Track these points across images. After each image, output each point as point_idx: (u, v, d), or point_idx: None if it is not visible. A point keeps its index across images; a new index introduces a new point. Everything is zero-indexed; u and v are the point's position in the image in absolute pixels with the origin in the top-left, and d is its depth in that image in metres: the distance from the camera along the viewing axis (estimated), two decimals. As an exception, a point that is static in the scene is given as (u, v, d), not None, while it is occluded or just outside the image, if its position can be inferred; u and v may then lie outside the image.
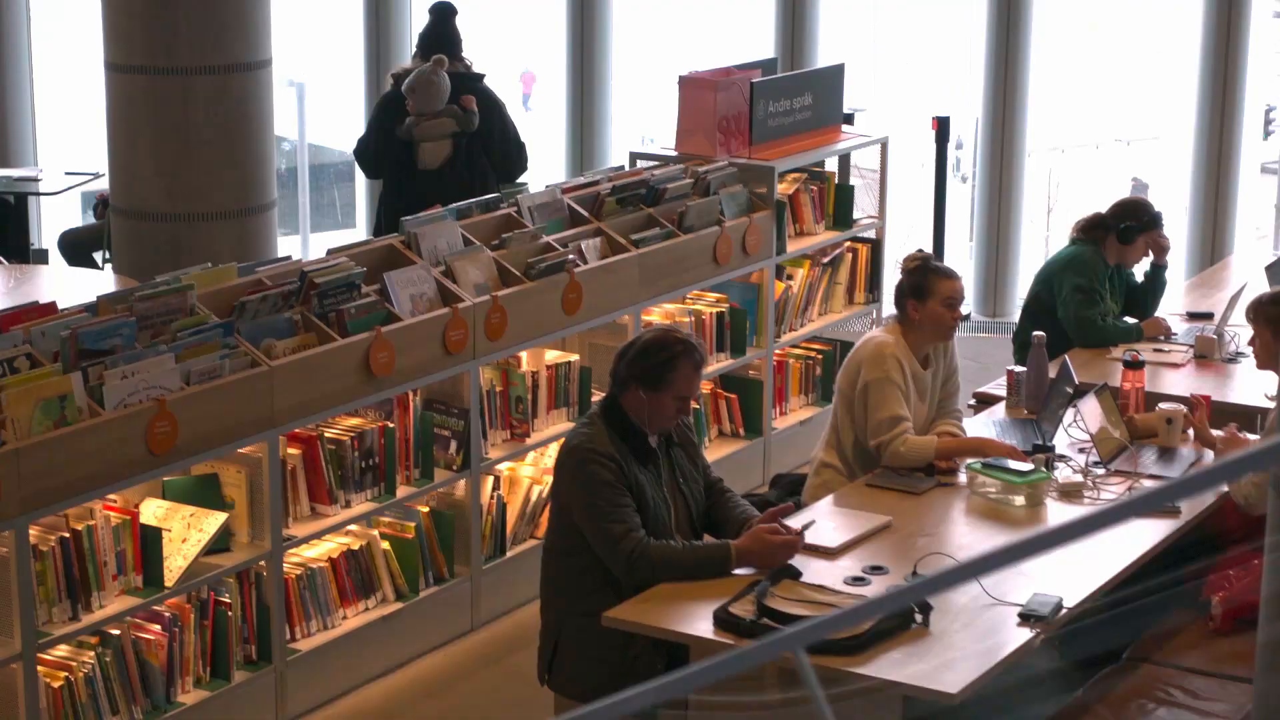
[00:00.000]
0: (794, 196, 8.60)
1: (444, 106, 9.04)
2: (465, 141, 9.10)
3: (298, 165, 17.90)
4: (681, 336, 5.70)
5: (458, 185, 8.95)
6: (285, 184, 17.82)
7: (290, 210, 17.64)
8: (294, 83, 19.42)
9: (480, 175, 9.12)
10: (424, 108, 9.01)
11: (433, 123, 9.05)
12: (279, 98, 18.67)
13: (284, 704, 6.36)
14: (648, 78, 14.58)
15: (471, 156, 9.13)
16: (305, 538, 6.41)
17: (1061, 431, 6.64)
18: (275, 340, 6.29)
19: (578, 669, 5.63)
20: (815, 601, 5.32)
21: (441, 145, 9.09)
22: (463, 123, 9.06)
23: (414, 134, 9.04)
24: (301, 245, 16.46)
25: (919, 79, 18.86)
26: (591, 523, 5.52)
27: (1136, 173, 18.45)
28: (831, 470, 6.55)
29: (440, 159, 9.09)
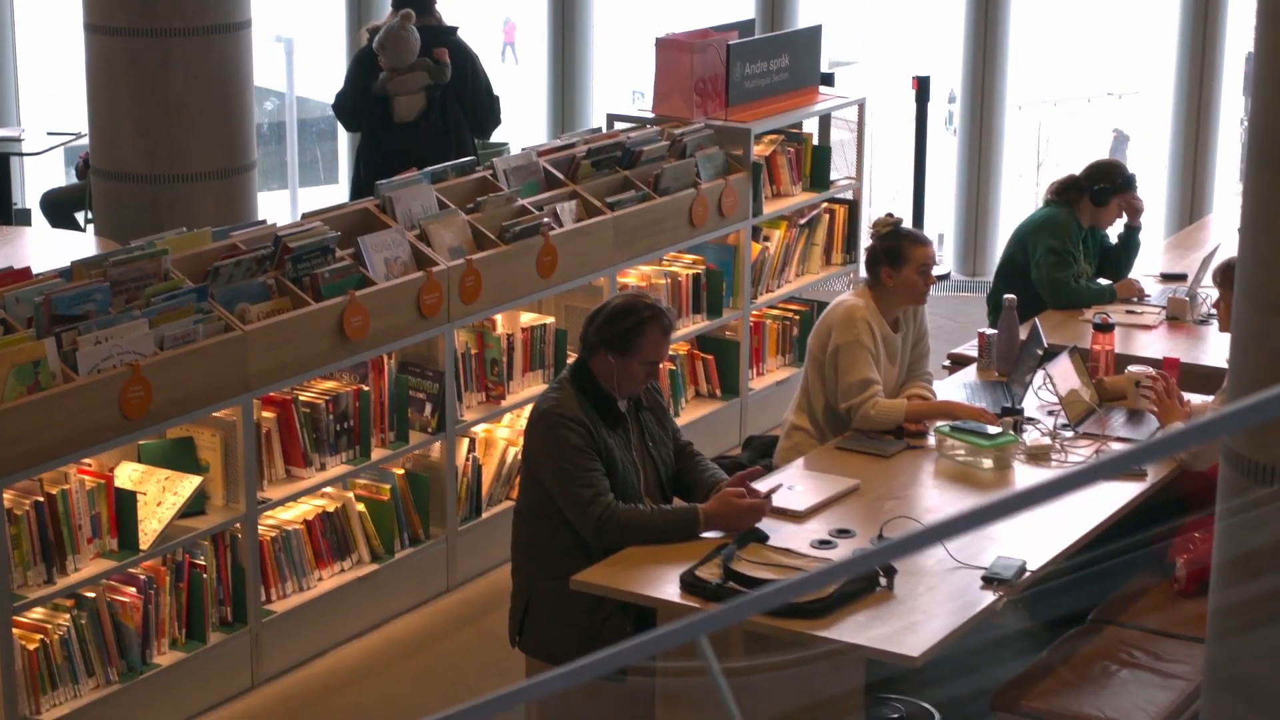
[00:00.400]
0: (771, 158, 8.63)
1: (416, 60, 9.16)
2: (439, 94, 9.23)
3: (286, 121, 17.91)
4: (650, 302, 5.74)
5: (432, 137, 9.15)
6: (274, 139, 17.86)
7: (278, 166, 17.68)
8: (281, 38, 19.41)
9: (455, 127, 9.27)
10: (395, 62, 9.15)
11: (405, 77, 9.18)
12: (267, 54, 18.70)
13: (259, 665, 6.42)
14: (636, 34, 14.59)
15: (446, 108, 9.26)
16: (280, 500, 6.46)
17: (1031, 394, 6.69)
18: (249, 304, 6.33)
19: (548, 631, 5.69)
20: (781, 565, 5.37)
21: (415, 99, 9.22)
22: (435, 75, 9.19)
23: (388, 88, 9.18)
24: (290, 200, 16.48)
25: (906, 36, 18.88)
26: (561, 487, 5.57)
27: (1121, 126, 18.47)
28: (802, 433, 6.60)
29: (414, 112, 9.22)
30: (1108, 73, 19.99)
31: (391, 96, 9.19)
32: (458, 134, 9.25)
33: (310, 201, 14.75)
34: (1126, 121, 18.65)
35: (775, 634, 5.10)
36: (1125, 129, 18.44)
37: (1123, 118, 18.95)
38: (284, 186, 17.13)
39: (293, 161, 16.96)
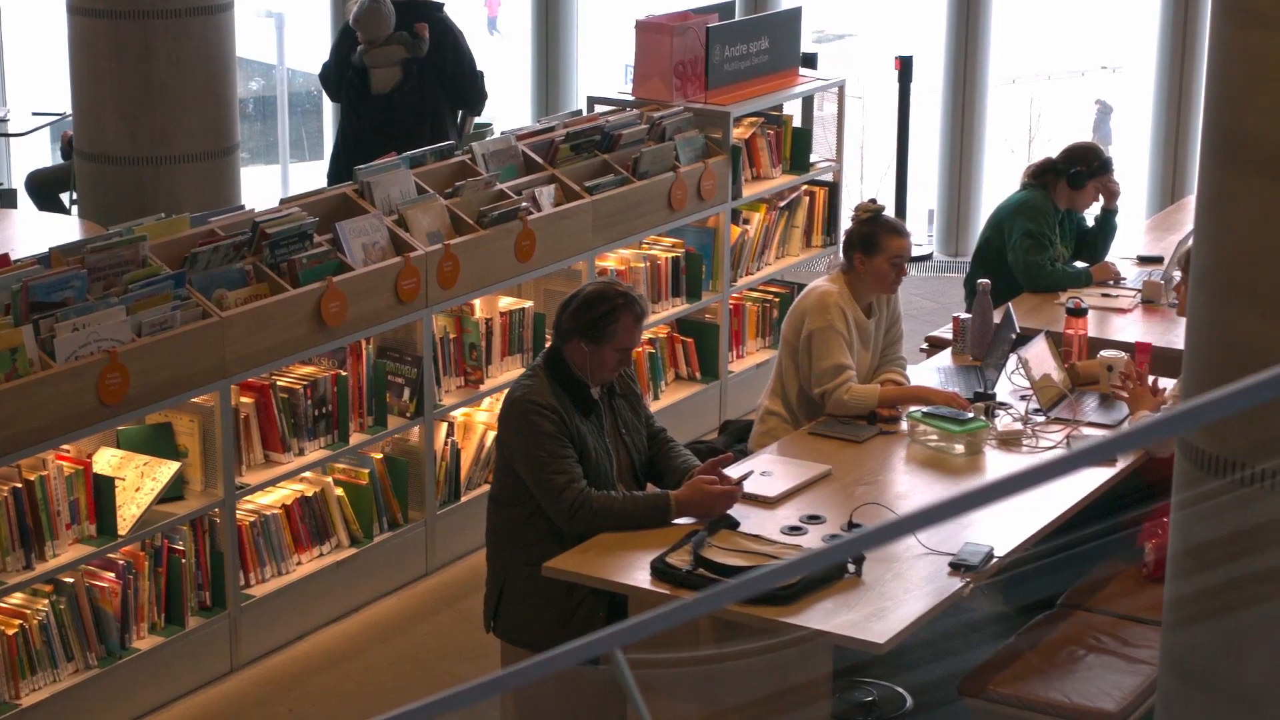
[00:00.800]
0: (751, 140, 8.66)
1: (391, 34, 9.38)
2: (416, 68, 9.41)
3: (277, 96, 17.93)
4: (622, 289, 5.78)
5: (408, 110, 9.40)
6: (263, 116, 17.89)
7: (269, 143, 17.71)
8: (272, 13, 19.42)
9: (431, 101, 9.47)
10: (369, 35, 9.41)
11: (381, 49, 9.41)
12: (260, 29, 18.68)
13: (238, 649, 6.48)
14: (627, 8, 14.59)
15: (424, 82, 9.45)
16: (258, 485, 6.51)
17: (1004, 379, 6.74)
18: (227, 291, 6.37)
19: (522, 616, 5.74)
20: (751, 551, 5.43)
21: (390, 71, 9.45)
22: (412, 49, 9.39)
23: (364, 60, 9.41)
24: (281, 176, 16.50)
25: (901, 8, 18.85)
26: (534, 473, 5.62)
27: (1105, 97, 18.46)
28: (776, 418, 6.64)
29: (390, 84, 9.46)
30: (1101, 46, 19.97)
31: (369, 69, 9.42)
32: (434, 108, 9.45)
33: (299, 176, 14.82)
34: (1117, 96, 18.63)
35: (744, 620, 5.15)
36: (1109, 100, 18.45)
37: (1115, 92, 18.94)
38: (275, 162, 17.17)
39: (284, 137, 16.99)
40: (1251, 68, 3.76)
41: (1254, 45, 3.75)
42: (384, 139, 9.16)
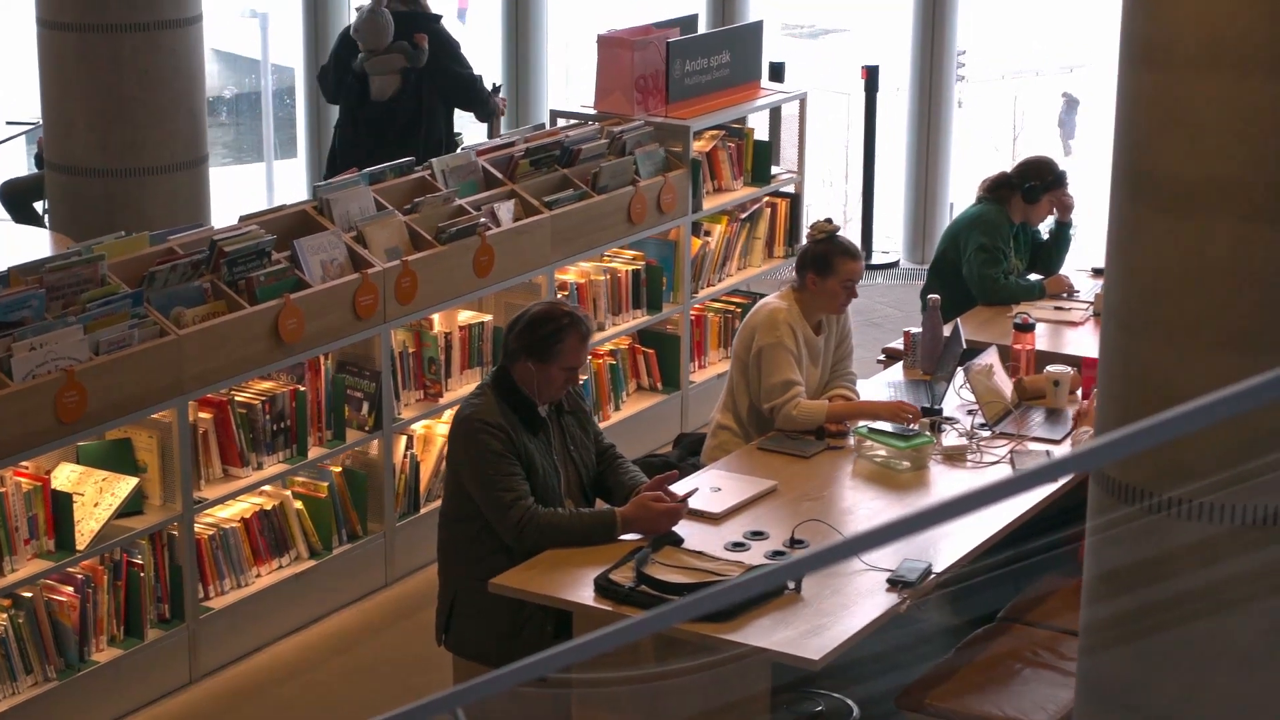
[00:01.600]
0: (712, 153, 8.76)
1: (391, 43, 9.63)
2: (415, 77, 9.65)
3: (262, 94, 18.04)
4: (568, 309, 5.88)
5: (405, 117, 9.66)
6: (252, 113, 18.04)
7: (255, 141, 17.84)
8: (256, 13, 19.55)
9: (429, 109, 9.71)
10: (369, 44, 9.66)
11: (382, 57, 9.67)
12: (245, 28, 18.70)
13: (197, 661, 6.58)
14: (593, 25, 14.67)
15: (421, 91, 9.69)
16: (216, 499, 6.60)
17: (953, 393, 6.85)
18: (185, 308, 6.47)
19: (472, 630, 5.84)
20: (694, 568, 5.53)
21: (390, 79, 9.69)
22: (412, 59, 9.64)
23: (365, 67, 9.67)
24: (266, 173, 16.62)
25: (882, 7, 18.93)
26: (482, 491, 5.72)
27: (1076, 93, 18.56)
28: (728, 432, 6.75)
29: (389, 91, 9.69)
30: (1088, 42, 20.04)
31: (369, 75, 9.67)
32: (430, 115, 9.70)
33: (287, 172, 14.93)
34: (1107, 93, 18.69)
35: (684, 637, 5.25)
36: (1073, 92, 18.54)
37: (1105, 88, 19.01)
38: (260, 159, 17.31)
39: (268, 137, 17.10)
40: (1157, 108, 3.86)
41: (1159, 86, 3.85)
42: (381, 144, 9.55)
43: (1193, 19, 3.75)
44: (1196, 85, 3.77)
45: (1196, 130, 3.78)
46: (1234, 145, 3.75)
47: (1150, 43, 3.85)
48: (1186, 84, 3.78)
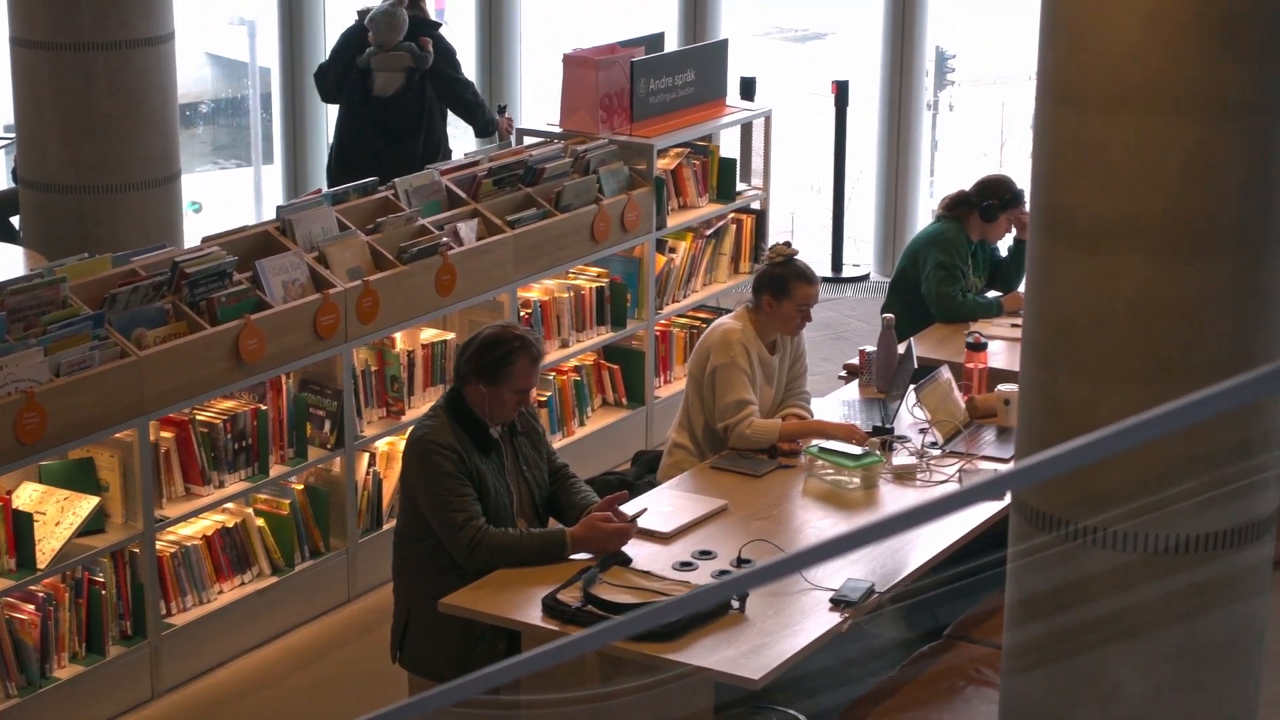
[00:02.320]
0: (677, 171, 8.86)
1: (401, 41, 9.91)
2: (418, 77, 9.95)
3: (249, 96, 18.15)
4: (519, 332, 5.98)
5: (407, 115, 9.96)
6: (241, 115, 18.20)
7: (244, 144, 17.94)
8: (244, 21, 19.65)
9: (429, 109, 10.02)
10: (382, 40, 9.92)
11: (389, 55, 9.94)
12: (233, 34, 18.79)
13: (159, 677, 6.67)
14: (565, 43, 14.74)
15: (423, 92, 9.98)
16: (178, 518, 6.69)
17: (905, 412, 6.94)
18: (146, 330, 6.56)
19: (426, 648, 5.94)
20: (641, 588, 5.62)
21: (395, 76, 9.97)
22: (418, 60, 9.94)
23: (371, 63, 9.93)
24: (254, 177, 16.70)
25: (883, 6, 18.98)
26: (434, 511, 5.82)
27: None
28: (683, 451, 6.85)
29: (393, 88, 9.98)
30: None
31: (374, 71, 9.93)
32: (430, 116, 10.00)
33: (273, 176, 15.02)
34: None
35: (628, 656, 5.35)
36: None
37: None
38: (248, 164, 17.41)
39: (256, 141, 17.20)
40: (1072, 147, 3.96)
41: (1074, 125, 3.95)
42: (381, 140, 9.89)
43: (1103, 60, 3.85)
44: (1107, 125, 3.86)
45: (1108, 169, 3.88)
46: (1144, 184, 3.85)
47: (1064, 82, 3.95)
48: (1098, 123, 3.88)
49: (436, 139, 10.07)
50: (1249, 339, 3.91)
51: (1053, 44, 3.97)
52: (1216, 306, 3.88)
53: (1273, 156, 3.88)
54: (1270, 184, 3.89)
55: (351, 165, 10.06)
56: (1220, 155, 3.83)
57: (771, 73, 19.56)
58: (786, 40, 22.27)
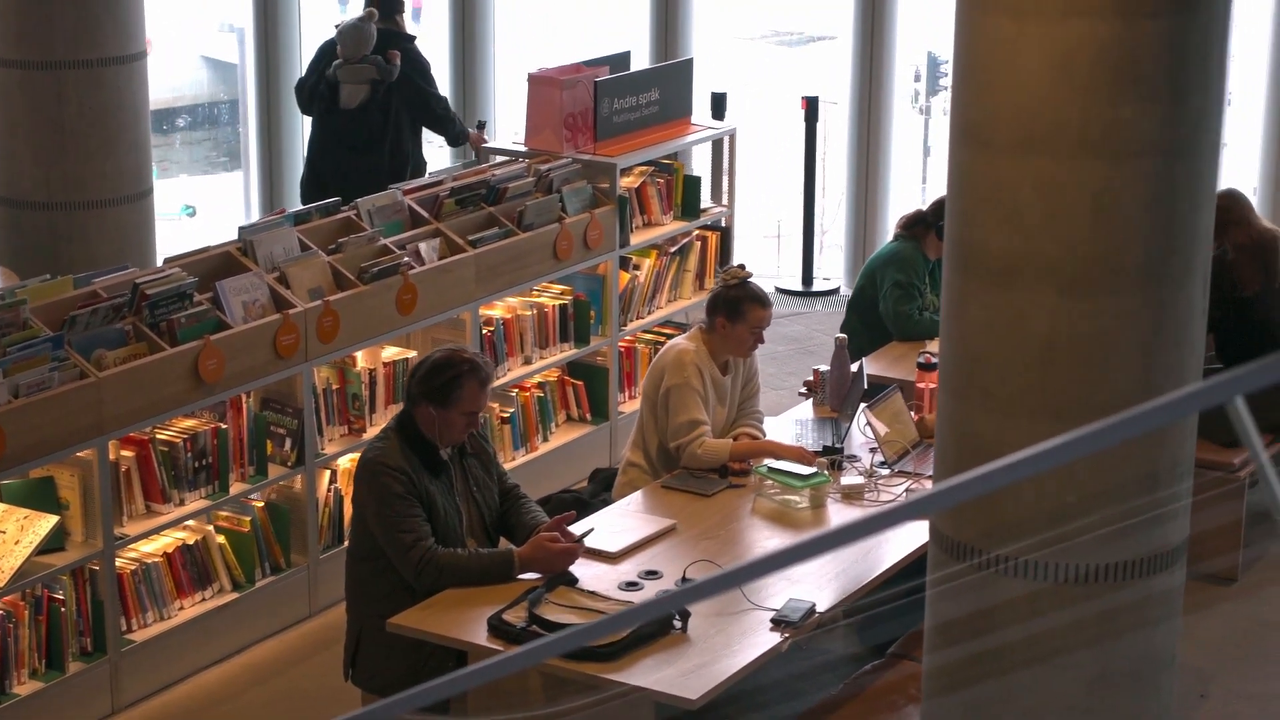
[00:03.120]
0: (641, 189, 8.96)
1: (369, 55, 10.08)
2: (384, 90, 10.09)
3: (239, 102, 18.28)
4: (468, 356, 6.09)
5: (370, 127, 10.11)
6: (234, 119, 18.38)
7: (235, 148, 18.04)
8: (235, 28, 19.75)
9: (395, 122, 10.15)
10: (348, 52, 10.11)
11: (355, 67, 10.12)
12: (224, 42, 18.91)
13: (119, 692, 6.77)
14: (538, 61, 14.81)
15: (389, 104, 10.13)
16: (137, 536, 6.79)
17: (856, 431, 7.04)
18: (106, 351, 6.65)
19: (377, 666, 6.04)
20: (585, 608, 5.72)
21: (359, 89, 10.13)
22: (383, 72, 10.09)
23: (338, 75, 10.12)
24: (244, 180, 16.82)
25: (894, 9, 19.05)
26: (384, 532, 5.92)
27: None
28: (637, 469, 6.95)
29: (356, 100, 10.13)
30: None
31: (341, 83, 10.09)
32: (396, 128, 10.14)
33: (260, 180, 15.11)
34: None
35: (571, 676, 5.44)
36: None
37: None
38: (239, 167, 17.53)
39: (247, 146, 17.32)
40: (980, 186, 4.06)
41: (984, 165, 4.05)
42: (345, 152, 10.08)
43: (1011, 103, 3.95)
44: (1016, 165, 3.97)
45: (1017, 208, 3.98)
46: (1051, 223, 3.95)
47: (974, 123, 4.05)
48: (1007, 164, 3.98)
49: (404, 152, 10.19)
50: (1154, 375, 4.01)
51: (964, 86, 4.07)
52: (1122, 343, 3.99)
53: (1175, 197, 3.98)
54: (1173, 224, 3.99)
55: (319, 178, 10.24)
56: (1124, 196, 3.94)
57: (769, 78, 19.66)
58: (784, 45, 22.36)
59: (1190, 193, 4.00)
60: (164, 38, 19.30)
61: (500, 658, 2.61)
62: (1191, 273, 4.05)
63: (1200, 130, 3.99)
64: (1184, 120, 3.95)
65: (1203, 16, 3.92)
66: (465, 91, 11.96)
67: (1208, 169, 4.05)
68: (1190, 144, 3.97)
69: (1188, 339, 4.07)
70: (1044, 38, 3.87)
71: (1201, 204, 4.05)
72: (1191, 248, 4.04)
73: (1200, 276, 4.09)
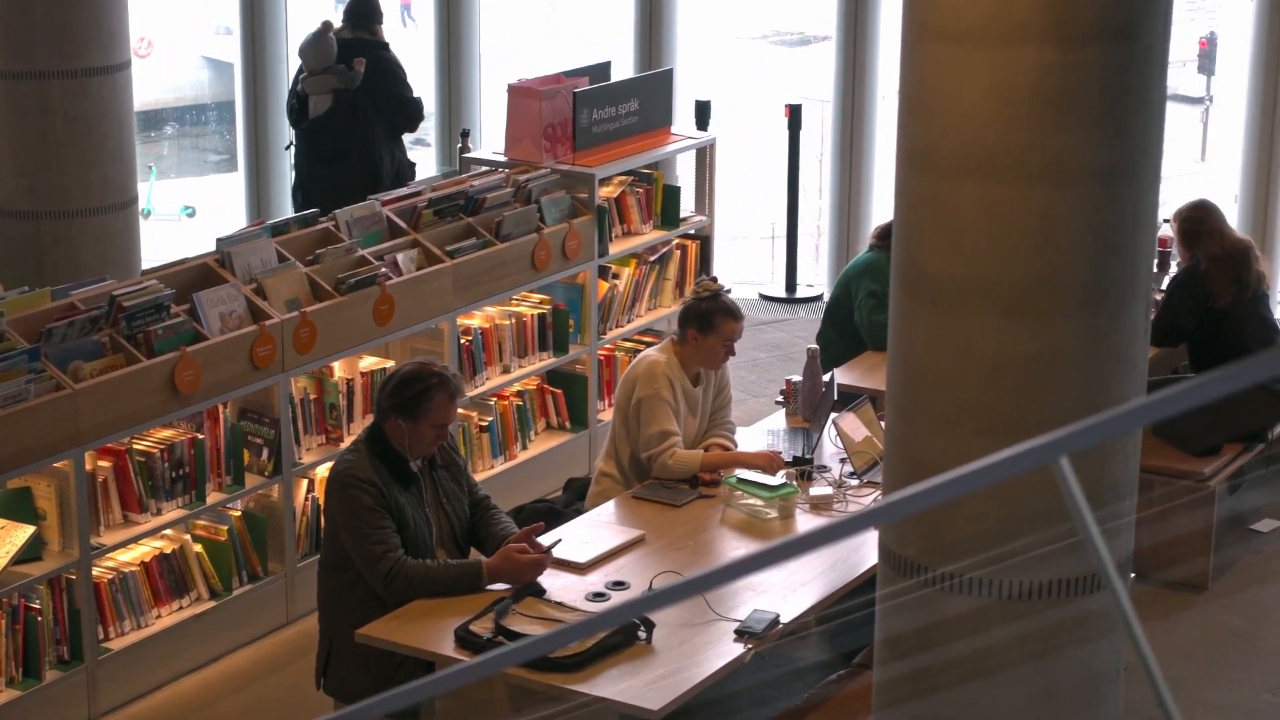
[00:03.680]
0: (621, 198, 9.03)
1: (330, 65, 10.31)
2: (349, 97, 10.33)
3: (235, 102, 18.38)
4: (437, 370, 6.16)
5: (338, 135, 10.36)
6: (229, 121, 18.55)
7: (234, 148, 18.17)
8: (230, 30, 19.86)
9: (363, 128, 10.37)
10: (309, 65, 10.38)
11: (318, 78, 10.39)
12: (223, 42, 19.04)
13: (96, 700, 6.84)
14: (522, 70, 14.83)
15: (356, 111, 10.36)
16: (115, 545, 6.86)
17: (828, 442, 7.11)
18: (83, 362, 6.72)
19: (348, 675, 6.11)
20: (551, 618, 5.79)
21: (323, 99, 10.42)
22: (345, 80, 10.33)
23: (305, 86, 10.40)
24: (244, 181, 16.92)
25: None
26: (354, 543, 5.99)
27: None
28: (610, 479, 7.02)
29: (321, 110, 10.42)
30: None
31: (308, 95, 10.38)
32: (365, 135, 10.34)
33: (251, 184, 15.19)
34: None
35: (536, 687, 5.52)
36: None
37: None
38: (235, 169, 17.63)
39: (242, 150, 17.39)
40: (925, 209, 4.13)
41: (928, 189, 4.12)
42: (315, 160, 10.37)
43: (954, 128, 4.02)
44: (959, 190, 4.03)
45: (960, 232, 4.05)
46: (993, 247, 4.02)
47: (919, 148, 4.12)
48: (950, 188, 4.05)
49: (376, 159, 10.35)
50: (1094, 395, 4.08)
51: (909, 111, 4.14)
52: (1063, 364, 4.06)
53: (1115, 221, 4.05)
54: (1113, 248, 4.06)
55: (303, 188, 10.42)
56: (1065, 220, 4.01)
57: (768, 79, 19.71)
58: (783, 45, 22.44)
59: (1131, 217, 4.07)
60: (165, 38, 19.42)
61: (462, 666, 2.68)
62: (1132, 295, 4.12)
63: (1140, 155, 4.06)
64: (1124, 146, 4.02)
65: (1142, 44, 3.99)
66: (450, 100, 12.02)
67: (1148, 193, 4.12)
68: (1130, 169, 4.04)
69: (1130, 359, 4.14)
70: (986, 65, 3.94)
71: (1142, 228, 4.12)
72: (1132, 271, 4.11)
73: (1142, 299, 4.15)
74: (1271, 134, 10.90)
